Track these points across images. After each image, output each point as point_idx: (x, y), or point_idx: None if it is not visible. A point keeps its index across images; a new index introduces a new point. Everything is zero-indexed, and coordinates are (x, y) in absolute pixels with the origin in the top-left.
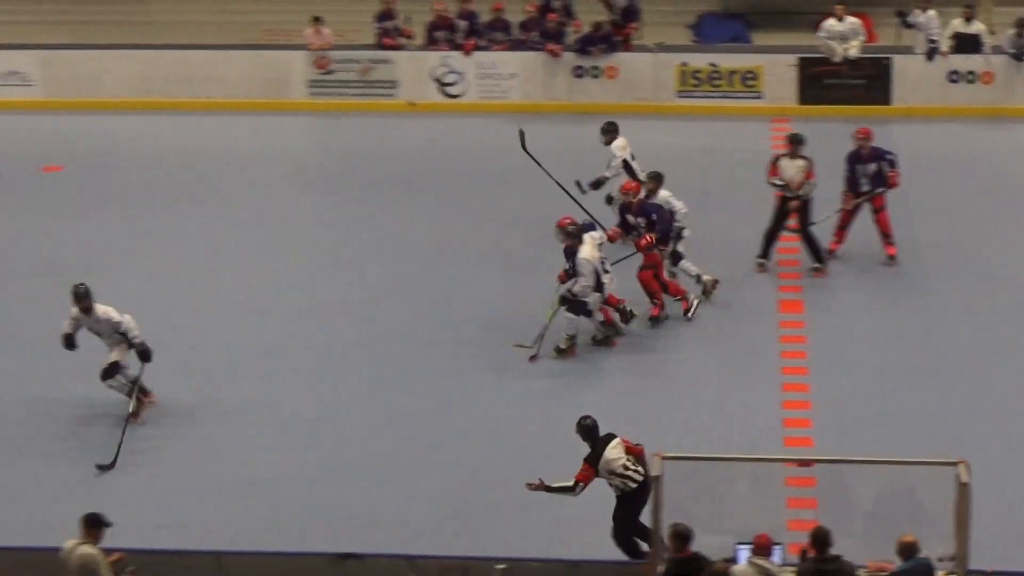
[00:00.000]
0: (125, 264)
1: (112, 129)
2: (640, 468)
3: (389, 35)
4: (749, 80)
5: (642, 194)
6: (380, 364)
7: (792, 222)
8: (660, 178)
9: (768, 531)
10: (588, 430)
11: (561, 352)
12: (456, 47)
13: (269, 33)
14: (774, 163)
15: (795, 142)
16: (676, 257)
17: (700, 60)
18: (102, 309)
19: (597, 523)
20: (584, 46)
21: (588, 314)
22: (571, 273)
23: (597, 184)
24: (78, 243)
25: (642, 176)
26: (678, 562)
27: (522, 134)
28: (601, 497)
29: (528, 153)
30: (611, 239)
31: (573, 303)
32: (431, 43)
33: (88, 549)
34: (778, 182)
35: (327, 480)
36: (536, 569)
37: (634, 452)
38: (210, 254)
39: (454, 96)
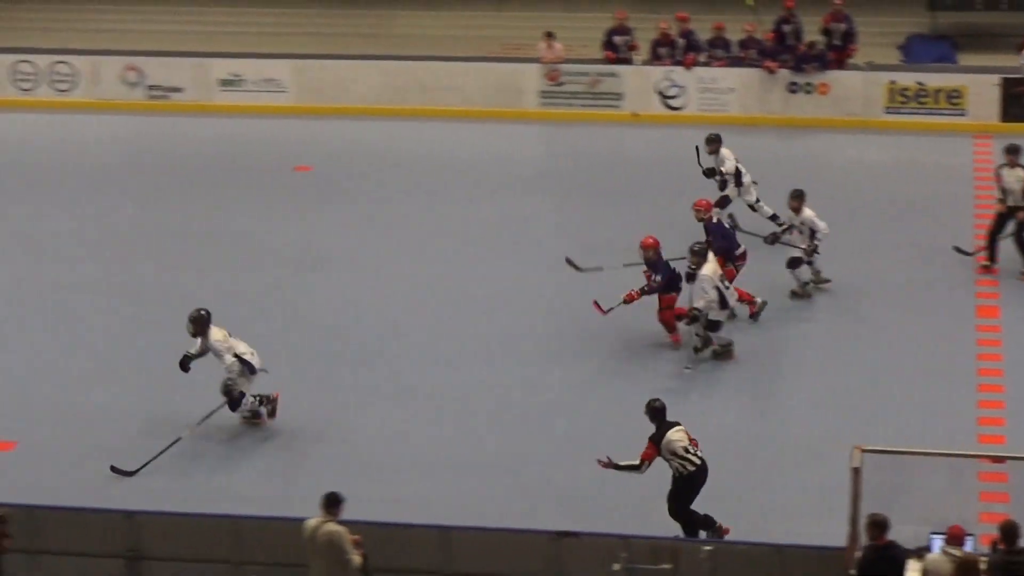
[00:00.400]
0: (365, 257)
1: (358, 133)
2: (699, 454)
3: (617, 50)
4: (954, 98)
5: (713, 213)
6: (601, 356)
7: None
8: (802, 196)
9: (961, 523)
10: (657, 411)
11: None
12: (678, 62)
13: (505, 47)
14: (996, 173)
15: (1013, 152)
16: (794, 263)
17: (908, 79)
18: (213, 337)
19: (800, 510)
20: (799, 64)
21: (716, 327)
22: (653, 276)
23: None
24: (324, 237)
25: (747, 180)
26: (875, 549)
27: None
28: (806, 488)
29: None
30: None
31: (708, 321)
32: (655, 59)
33: (333, 526)
34: (1002, 192)
35: (547, 461)
36: (740, 552)
37: (693, 442)
38: (443, 250)
39: (675, 108)
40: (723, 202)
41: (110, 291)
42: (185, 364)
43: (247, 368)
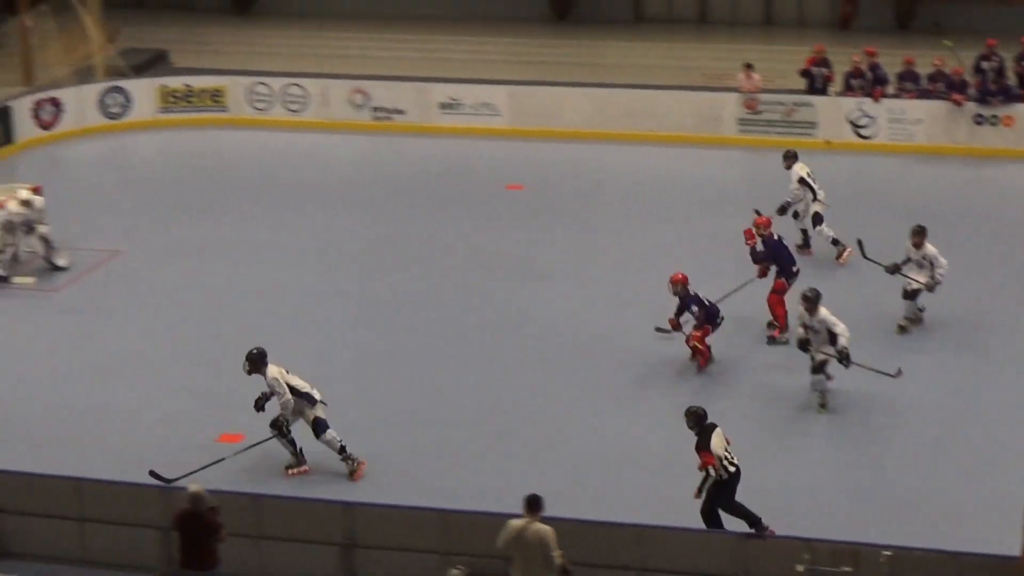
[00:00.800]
0: (573, 271)
1: (567, 156)
2: (735, 458)
3: (815, 80)
4: None
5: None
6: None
7: None
8: (923, 232)
9: None
10: (700, 418)
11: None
12: (868, 94)
13: (707, 76)
14: None
15: None
16: (913, 295)
17: None
18: (270, 375)
19: (979, 517)
20: (984, 97)
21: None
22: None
23: (782, 210)
24: (533, 252)
25: (821, 195)
26: None
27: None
28: (983, 497)
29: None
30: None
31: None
32: (848, 90)
33: (543, 526)
34: None
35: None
36: (918, 558)
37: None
38: (643, 265)
39: (866, 137)
40: (816, 219)
41: (344, 297)
42: (259, 404)
43: (306, 400)
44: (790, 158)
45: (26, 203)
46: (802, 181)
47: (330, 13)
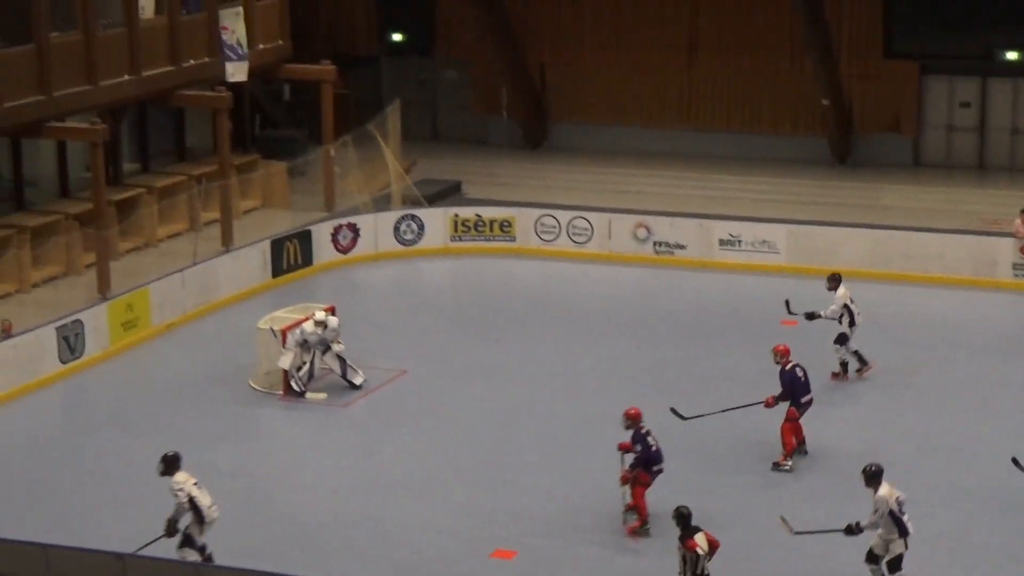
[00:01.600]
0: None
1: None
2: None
3: None
4: None
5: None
6: None
7: None
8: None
9: None
10: (685, 518)
11: None
12: None
13: (983, 221)
14: None
15: None
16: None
17: None
18: (175, 478)
19: None
20: None
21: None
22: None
23: (810, 316)
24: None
25: (859, 319)
26: None
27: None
28: None
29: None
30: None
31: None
32: None
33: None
34: None
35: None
36: None
37: (714, 545)
38: (921, 402)
39: None
40: (840, 339)
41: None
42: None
43: (198, 516)
44: (834, 281)
45: (321, 323)
46: (847, 308)
47: (616, 150)
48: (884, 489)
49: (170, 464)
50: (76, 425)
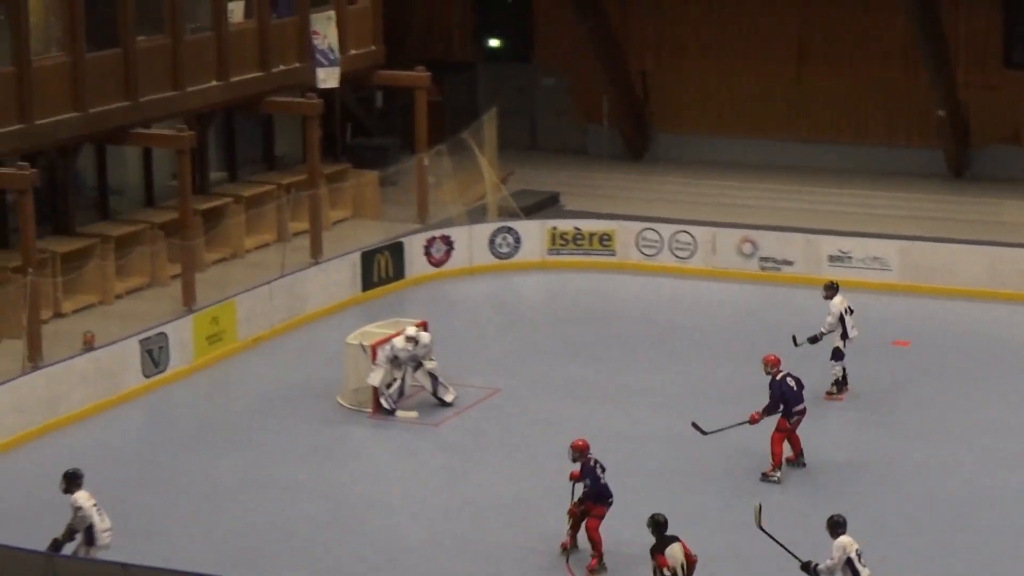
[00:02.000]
0: (951, 430)
1: (958, 313)
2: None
3: None
4: None
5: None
6: None
7: None
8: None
9: None
10: (659, 526)
11: None
12: None
13: None
14: None
15: None
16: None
17: None
18: (78, 495)
19: None
20: None
21: None
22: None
23: (813, 340)
24: (917, 409)
25: (853, 332)
26: None
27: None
28: None
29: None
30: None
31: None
32: None
33: None
34: None
35: None
36: None
37: (690, 560)
38: None
39: None
40: (836, 355)
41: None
42: (62, 543)
43: (89, 539)
44: (831, 289)
45: (412, 339)
46: (840, 316)
47: (720, 161)
48: (845, 538)
49: (71, 481)
50: (158, 441)
